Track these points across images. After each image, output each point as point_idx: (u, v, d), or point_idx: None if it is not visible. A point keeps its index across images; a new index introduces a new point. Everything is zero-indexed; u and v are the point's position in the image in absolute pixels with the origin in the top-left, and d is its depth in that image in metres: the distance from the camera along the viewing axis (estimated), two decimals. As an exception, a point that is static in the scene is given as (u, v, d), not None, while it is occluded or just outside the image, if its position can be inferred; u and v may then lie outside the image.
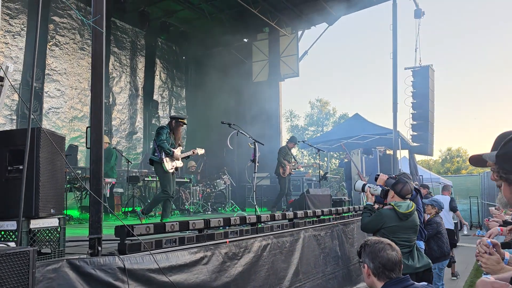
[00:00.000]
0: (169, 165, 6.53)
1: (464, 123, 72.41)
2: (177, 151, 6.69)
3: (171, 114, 7.07)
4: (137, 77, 14.02)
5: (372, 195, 4.60)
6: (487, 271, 1.97)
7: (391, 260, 2.26)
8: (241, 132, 6.94)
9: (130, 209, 9.21)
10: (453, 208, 9.36)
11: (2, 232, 2.91)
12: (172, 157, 6.58)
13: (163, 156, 6.46)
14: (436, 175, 23.22)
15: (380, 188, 4.52)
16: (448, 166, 47.14)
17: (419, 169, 16.47)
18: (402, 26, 26.15)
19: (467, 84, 71.68)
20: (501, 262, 1.98)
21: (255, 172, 6.91)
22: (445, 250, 6.13)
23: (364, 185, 4.77)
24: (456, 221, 10.02)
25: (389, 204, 4.19)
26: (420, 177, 15.08)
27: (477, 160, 1.35)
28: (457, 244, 11.64)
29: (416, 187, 5.17)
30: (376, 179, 4.78)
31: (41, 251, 2.96)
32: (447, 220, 9.15)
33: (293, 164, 9.98)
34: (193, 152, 7.23)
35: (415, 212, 4.23)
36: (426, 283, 2.31)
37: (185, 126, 7.23)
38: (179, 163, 6.76)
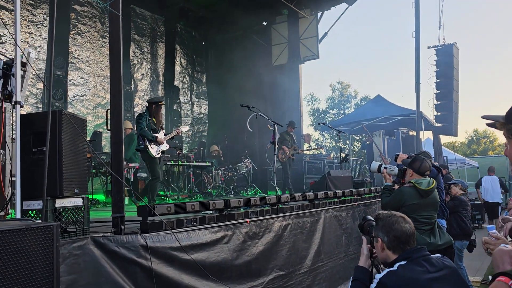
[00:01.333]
0: (154, 150, 6.69)
1: (492, 103, 70.37)
2: (160, 135, 6.83)
3: (147, 99, 7.23)
4: (158, 63, 14.13)
5: (389, 175, 4.56)
6: None
7: (405, 232, 2.25)
8: (260, 114, 6.95)
9: (153, 193, 9.40)
10: (505, 189, 11.93)
11: (30, 212, 3.04)
12: (156, 142, 6.73)
13: (147, 143, 6.62)
14: (461, 156, 22.76)
15: (397, 168, 4.46)
16: (474, 148, 46.10)
17: (444, 150, 16.19)
18: (425, 4, 25.43)
19: (494, 61, 69.40)
20: (509, 244, 1.97)
21: (275, 154, 6.93)
22: (466, 230, 6.03)
23: (380, 166, 4.71)
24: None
25: (409, 182, 4.14)
26: (445, 158, 14.83)
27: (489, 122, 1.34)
28: (483, 225, 12.00)
29: (437, 165, 5.09)
30: (396, 159, 4.73)
31: (67, 229, 3.07)
32: (496, 195, 11.60)
33: (293, 149, 10.13)
34: (177, 132, 7.39)
35: (436, 189, 4.17)
36: (440, 255, 2.29)
37: (163, 107, 7.33)
38: (164, 146, 6.90)
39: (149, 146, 6.61)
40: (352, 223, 6.79)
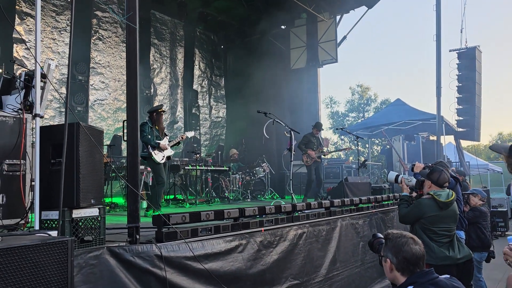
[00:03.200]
0: (159, 156, 6.80)
1: (517, 106, 68.54)
2: (164, 142, 6.94)
3: (148, 109, 7.38)
4: (177, 67, 14.28)
5: (406, 185, 4.48)
6: None
7: (415, 254, 2.21)
8: (277, 121, 6.97)
9: (172, 196, 9.52)
10: None
11: (49, 221, 3.11)
12: (160, 148, 6.83)
13: (151, 150, 6.73)
14: (484, 161, 22.26)
15: (415, 179, 4.39)
16: (499, 151, 44.98)
17: (466, 155, 15.88)
18: (447, 6, 25.01)
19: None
20: None
21: (291, 161, 6.93)
22: (485, 241, 5.89)
23: (397, 176, 4.64)
24: None
25: (428, 193, 4.07)
26: (467, 163, 14.55)
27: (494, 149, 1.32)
28: (506, 233, 11.69)
29: (454, 174, 4.98)
30: (412, 168, 4.66)
31: (84, 239, 3.13)
32: None
33: (319, 151, 9.69)
34: (182, 138, 7.45)
35: (455, 201, 4.08)
36: (449, 276, 2.26)
37: (164, 114, 7.39)
38: (168, 152, 7.00)
39: (153, 153, 6.74)
40: (369, 231, 6.71)
